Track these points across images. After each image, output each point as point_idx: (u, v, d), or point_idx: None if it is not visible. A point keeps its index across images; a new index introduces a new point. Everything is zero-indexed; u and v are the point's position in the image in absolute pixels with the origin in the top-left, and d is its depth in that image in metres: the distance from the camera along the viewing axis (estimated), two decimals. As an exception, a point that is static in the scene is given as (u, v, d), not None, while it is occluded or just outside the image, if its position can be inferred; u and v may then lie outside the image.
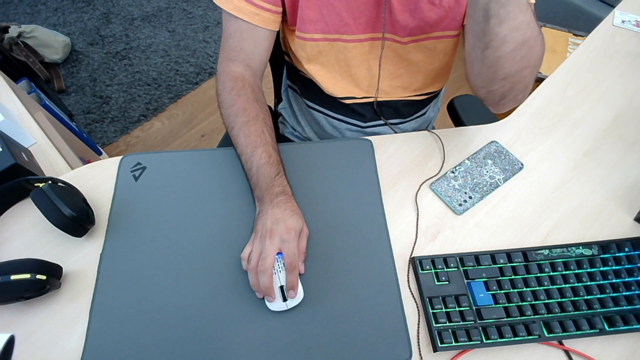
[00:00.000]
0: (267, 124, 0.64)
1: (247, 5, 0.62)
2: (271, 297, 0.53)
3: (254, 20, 0.64)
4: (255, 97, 0.65)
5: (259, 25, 0.65)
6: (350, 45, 0.68)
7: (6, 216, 0.62)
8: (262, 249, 0.53)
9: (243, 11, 0.63)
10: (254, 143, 0.60)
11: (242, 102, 0.64)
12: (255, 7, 0.63)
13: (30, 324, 0.54)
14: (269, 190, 0.57)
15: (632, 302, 0.55)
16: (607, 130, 0.71)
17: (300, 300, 0.55)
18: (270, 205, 0.56)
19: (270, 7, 0.64)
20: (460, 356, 0.53)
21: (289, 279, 0.53)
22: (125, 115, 1.70)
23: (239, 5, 0.62)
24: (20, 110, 0.81)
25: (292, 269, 0.53)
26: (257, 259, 0.53)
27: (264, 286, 0.52)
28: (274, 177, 0.58)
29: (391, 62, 0.72)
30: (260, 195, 0.58)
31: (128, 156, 0.67)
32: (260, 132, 0.61)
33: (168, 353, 0.52)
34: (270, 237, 0.53)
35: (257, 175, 0.58)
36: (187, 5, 2.04)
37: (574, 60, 0.80)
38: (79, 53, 1.87)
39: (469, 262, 0.57)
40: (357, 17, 0.64)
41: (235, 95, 0.64)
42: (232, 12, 0.63)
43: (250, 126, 0.61)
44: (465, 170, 0.67)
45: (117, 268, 0.58)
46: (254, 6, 0.63)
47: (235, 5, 0.62)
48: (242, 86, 0.65)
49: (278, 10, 0.65)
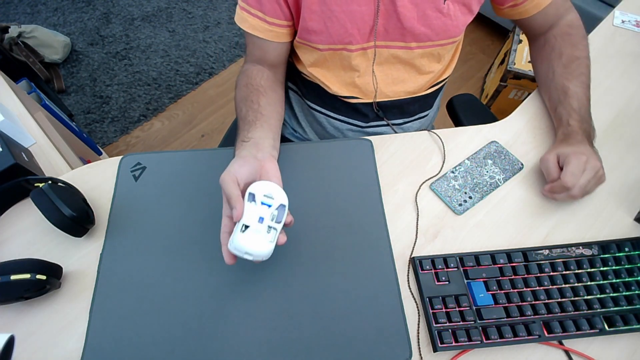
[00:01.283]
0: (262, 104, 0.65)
1: (261, 23, 0.65)
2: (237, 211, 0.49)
3: (268, 36, 0.67)
4: (276, 77, 0.71)
5: (274, 40, 0.67)
6: (355, 54, 0.69)
7: (6, 216, 0.62)
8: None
9: (258, 29, 0.66)
10: (253, 115, 0.62)
11: (256, 95, 0.66)
12: (269, 25, 0.65)
13: (30, 324, 0.54)
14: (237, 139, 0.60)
15: (632, 302, 0.55)
16: (607, 130, 0.71)
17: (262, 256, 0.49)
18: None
19: (282, 22, 0.66)
20: (460, 356, 0.53)
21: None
22: (125, 115, 1.70)
23: (253, 24, 0.66)
24: (20, 110, 0.81)
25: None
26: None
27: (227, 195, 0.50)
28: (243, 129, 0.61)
29: (395, 68, 0.72)
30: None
31: (128, 156, 0.67)
32: (256, 107, 0.64)
33: (168, 353, 0.52)
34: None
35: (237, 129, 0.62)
36: (187, 5, 2.04)
37: (574, 60, 0.80)
38: (79, 53, 1.87)
39: (469, 262, 0.57)
40: (361, 27, 0.65)
41: (243, 86, 0.68)
42: (248, 31, 0.66)
43: (248, 100, 0.65)
44: (465, 170, 0.67)
45: (117, 268, 0.58)
46: (267, 24, 0.65)
47: (250, 24, 0.66)
48: (258, 81, 0.68)
49: (289, 24, 0.67)
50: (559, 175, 0.60)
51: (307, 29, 0.65)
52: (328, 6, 0.62)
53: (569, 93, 0.66)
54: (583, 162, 0.58)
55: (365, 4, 0.62)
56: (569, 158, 0.59)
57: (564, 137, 0.64)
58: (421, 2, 0.62)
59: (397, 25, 0.64)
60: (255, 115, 0.62)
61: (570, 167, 0.58)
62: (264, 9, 0.63)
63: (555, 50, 0.70)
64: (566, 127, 0.64)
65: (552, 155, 0.62)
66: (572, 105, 0.65)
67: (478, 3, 0.65)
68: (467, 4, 0.64)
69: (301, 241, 0.60)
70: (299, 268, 0.58)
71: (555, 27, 0.72)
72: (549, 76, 0.70)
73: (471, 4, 0.64)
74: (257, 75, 0.69)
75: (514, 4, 0.69)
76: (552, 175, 0.61)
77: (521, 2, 0.68)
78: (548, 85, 0.70)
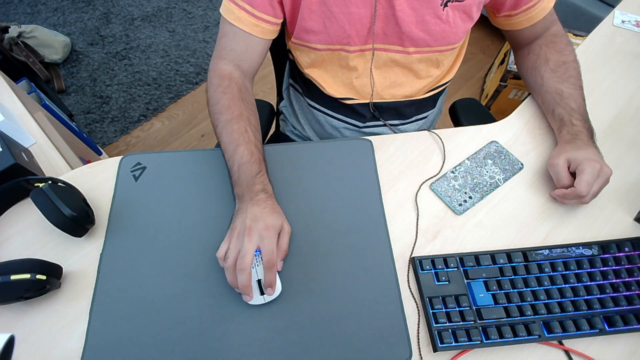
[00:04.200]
0: (252, 123, 0.63)
1: (247, 16, 0.63)
2: (249, 296, 0.53)
3: (253, 30, 0.65)
4: (242, 95, 0.65)
5: (257, 35, 0.65)
6: (353, 55, 0.69)
7: (6, 216, 0.62)
8: (240, 246, 0.53)
9: (243, 22, 0.64)
10: (236, 141, 0.60)
11: (227, 100, 0.63)
12: (256, 19, 0.63)
13: (30, 324, 0.54)
14: (250, 188, 0.57)
15: (632, 302, 0.55)
16: (607, 130, 0.71)
17: (278, 294, 0.55)
18: (250, 203, 0.56)
19: (270, 18, 0.64)
20: (460, 356, 0.53)
21: (267, 276, 0.53)
22: (125, 115, 1.70)
23: (240, 16, 0.63)
24: (20, 110, 0.81)
25: (270, 267, 0.52)
26: (235, 257, 0.52)
27: (242, 285, 0.52)
28: (255, 176, 0.58)
29: (393, 72, 0.73)
30: (240, 192, 0.58)
31: (128, 156, 0.67)
32: (243, 130, 0.61)
33: (168, 353, 0.52)
34: (249, 235, 0.53)
35: (239, 173, 0.58)
36: (187, 5, 2.04)
37: (574, 60, 0.80)
38: (79, 53, 1.87)
39: (469, 262, 0.57)
40: (359, 29, 0.65)
41: (220, 92, 0.64)
42: (232, 22, 0.64)
43: (233, 124, 0.61)
44: (465, 170, 0.67)
45: (117, 268, 0.58)
46: (254, 17, 0.63)
47: (236, 15, 0.63)
48: (228, 84, 0.65)
49: (278, 22, 0.66)
50: (569, 180, 0.60)
51: (305, 29, 0.65)
52: (328, 7, 0.62)
53: (564, 95, 0.66)
54: (597, 171, 0.58)
55: (364, 6, 0.62)
56: (583, 166, 0.58)
57: (571, 137, 0.63)
58: (420, 7, 0.62)
59: (395, 29, 0.64)
60: (260, 152, 0.61)
61: (585, 176, 0.57)
62: (253, 3, 0.62)
63: (540, 58, 0.71)
64: (570, 126, 0.64)
65: (562, 160, 0.61)
66: (571, 106, 0.65)
67: (478, 9, 0.65)
68: (467, 11, 0.64)
69: (301, 241, 0.60)
70: (299, 268, 0.58)
71: (540, 38, 0.73)
72: (538, 82, 0.70)
73: (471, 11, 0.64)
74: (247, 92, 0.67)
75: (508, 14, 0.70)
76: (562, 182, 0.61)
77: (515, 14, 0.69)
78: (539, 91, 0.71)
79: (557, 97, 0.67)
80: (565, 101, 0.66)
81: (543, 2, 0.67)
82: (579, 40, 1.42)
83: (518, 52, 0.78)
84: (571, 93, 0.66)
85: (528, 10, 0.67)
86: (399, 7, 0.61)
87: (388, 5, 0.61)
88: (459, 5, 0.62)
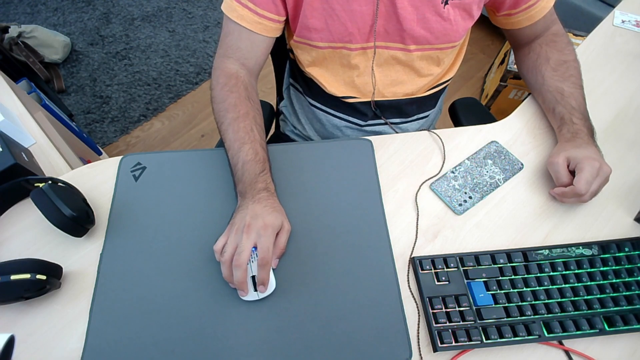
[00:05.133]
0: (257, 122, 0.64)
1: (250, 14, 0.63)
2: (244, 292, 0.54)
3: (256, 28, 0.65)
4: (248, 94, 0.65)
5: (260, 33, 0.65)
6: (354, 53, 0.69)
7: (6, 216, 0.62)
8: (237, 243, 0.53)
9: (246, 19, 0.64)
10: (241, 139, 0.60)
11: (234, 98, 0.64)
12: (259, 17, 0.64)
13: (30, 324, 0.54)
14: (252, 186, 0.57)
15: (632, 302, 0.55)
16: (607, 130, 0.71)
17: (272, 291, 0.55)
18: (251, 201, 0.56)
19: (273, 16, 0.64)
20: (460, 356, 0.53)
21: (260, 274, 0.53)
22: (125, 115, 1.70)
23: (242, 14, 0.63)
24: (20, 110, 0.81)
25: (264, 264, 0.53)
26: (232, 252, 0.53)
27: (238, 280, 0.52)
28: (259, 174, 0.58)
29: (394, 70, 0.73)
30: (242, 190, 0.58)
31: (128, 156, 0.67)
32: (249, 129, 0.61)
33: (168, 353, 0.52)
34: (247, 232, 0.53)
35: (242, 171, 0.59)
36: (187, 5, 2.04)
37: (574, 60, 0.80)
38: (79, 53, 1.87)
39: (469, 262, 0.57)
40: (361, 27, 0.65)
41: (227, 91, 0.64)
42: (236, 20, 0.64)
43: (239, 122, 0.62)
44: (465, 170, 0.67)
45: (117, 268, 0.58)
46: (257, 15, 0.63)
47: (239, 13, 0.63)
48: (235, 83, 0.65)
49: (281, 20, 0.66)
50: (568, 179, 0.60)
51: (307, 26, 0.65)
52: (330, 4, 0.62)
53: (565, 93, 0.66)
54: (596, 169, 0.58)
55: (366, 4, 0.62)
56: (582, 164, 0.58)
57: (571, 136, 0.63)
58: (421, 5, 0.62)
59: (396, 26, 0.64)
60: (264, 151, 0.62)
61: (584, 174, 0.57)
62: (256, 0, 0.62)
63: (541, 57, 0.71)
64: (571, 124, 0.64)
65: (562, 159, 0.61)
66: (571, 104, 0.65)
67: (478, 8, 0.65)
68: (467, 9, 0.64)
69: (301, 241, 0.60)
70: (299, 268, 0.58)
71: (540, 37, 0.73)
72: (539, 81, 0.70)
73: (472, 9, 0.64)
74: (253, 91, 0.67)
75: (508, 13, 0.70)
76: (562, 180, 0.61)
77: (515, 13, 0.69)
78: (540, 90, 0.71)
79: (557, 96, 0.67)
80: (566, 100, 0.66)
81: (543, 1, 0.67)
82: (579, 40, 1.42)
83: (518, 52, 0.78)
84: (572, 92, 0.66)
85: (528, 9, 0.67)
86: (400, 4, 0.61)
87: (390, 2, 0.62)
88: (459, 3, 0.62)
